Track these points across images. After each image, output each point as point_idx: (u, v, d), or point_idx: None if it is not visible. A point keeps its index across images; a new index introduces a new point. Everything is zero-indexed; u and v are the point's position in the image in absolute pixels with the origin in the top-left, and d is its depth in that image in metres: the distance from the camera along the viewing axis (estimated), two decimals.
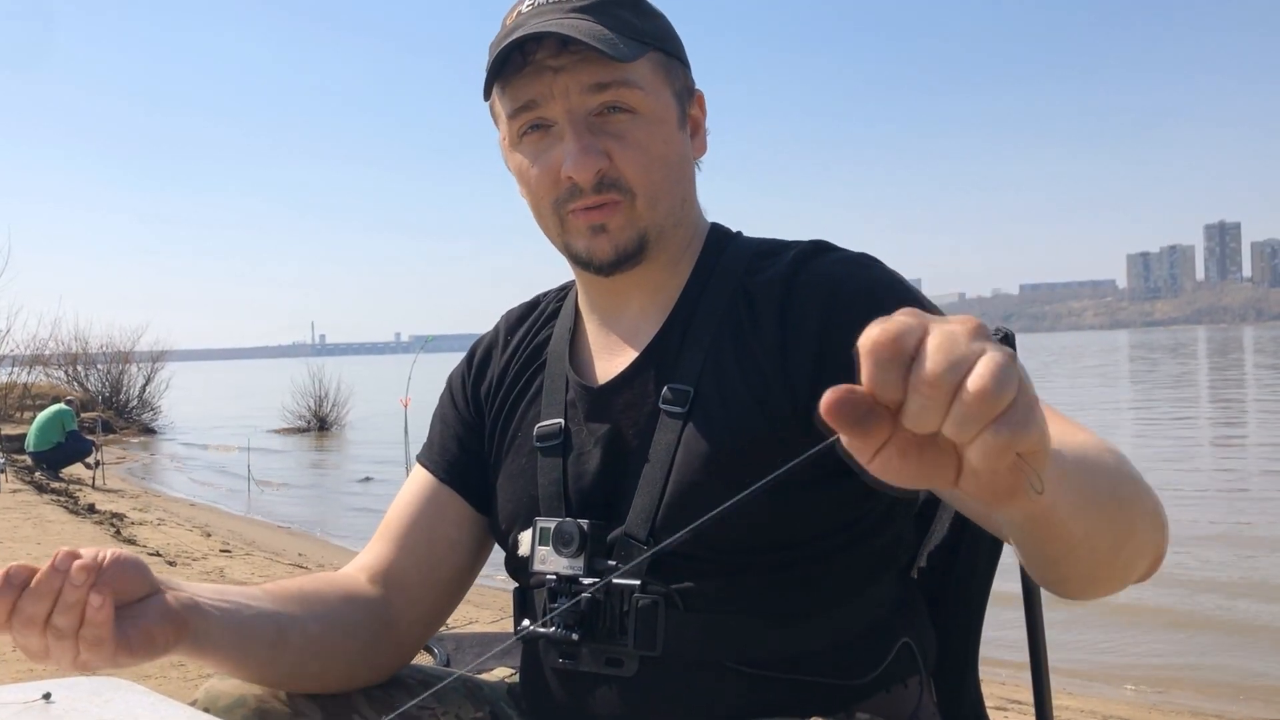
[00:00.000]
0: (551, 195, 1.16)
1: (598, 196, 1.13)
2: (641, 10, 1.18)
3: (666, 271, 1.22)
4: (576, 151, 1.12)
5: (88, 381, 29.13)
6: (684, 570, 1.11)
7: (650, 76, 1.15)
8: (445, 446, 1.32)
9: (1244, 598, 7.11)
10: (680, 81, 1.20)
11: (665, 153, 1.16)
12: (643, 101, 1.14)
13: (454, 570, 1.27)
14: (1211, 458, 14.71)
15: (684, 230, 1.22)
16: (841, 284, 1.12)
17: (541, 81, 1.12)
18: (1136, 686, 5.43)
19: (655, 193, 1.15)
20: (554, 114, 1.13)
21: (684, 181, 1.21)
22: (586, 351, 1.26)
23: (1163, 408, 23.15)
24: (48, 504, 10.89)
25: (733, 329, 1.15)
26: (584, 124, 1.13)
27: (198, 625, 1.01)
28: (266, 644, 1.09)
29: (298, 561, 8.26)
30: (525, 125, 1.15)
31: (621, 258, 1.16)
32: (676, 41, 1.21)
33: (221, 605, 1.05)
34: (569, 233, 1.17)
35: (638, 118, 1.14)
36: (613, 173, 1.13)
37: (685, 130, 1.21)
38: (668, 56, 1.18)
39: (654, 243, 1.17)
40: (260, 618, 1.09)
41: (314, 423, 26.70)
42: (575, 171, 1.12)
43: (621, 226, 1.15)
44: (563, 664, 1.16)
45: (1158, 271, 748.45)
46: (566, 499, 1.19)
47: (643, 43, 1.14)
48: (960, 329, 0.60)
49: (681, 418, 1.13)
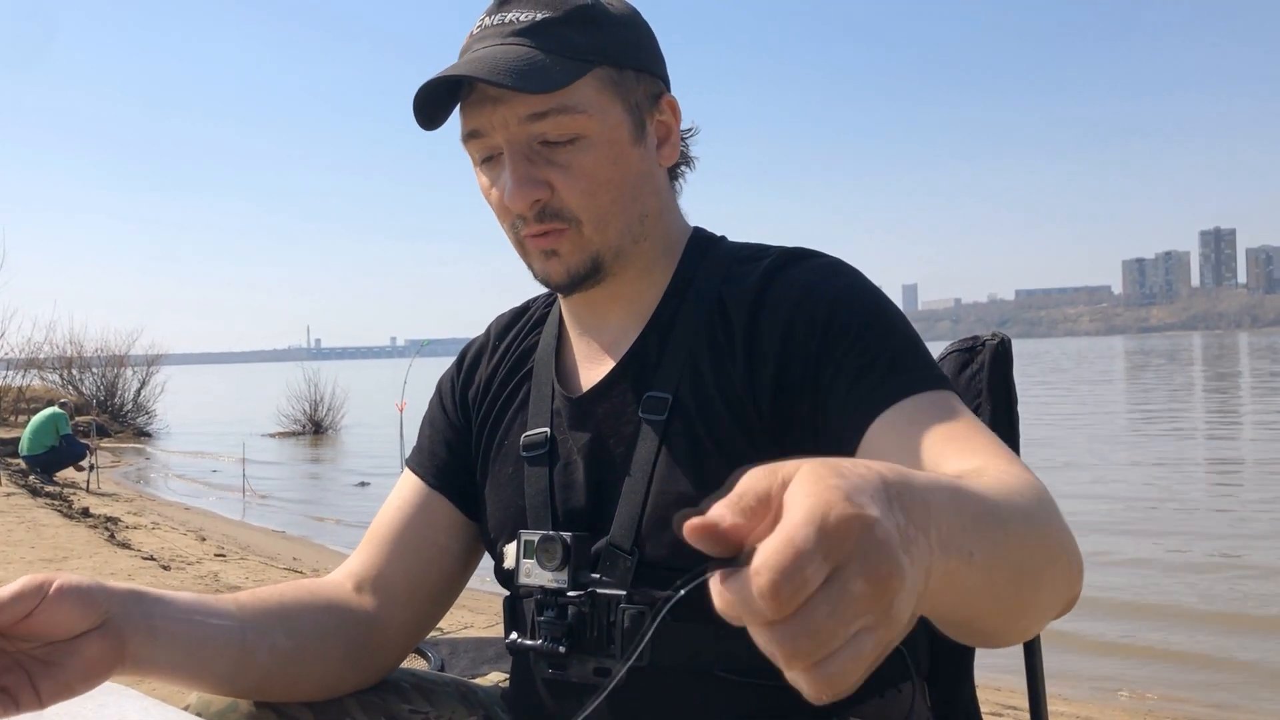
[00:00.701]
0: (507, 219, 1.17)
1: (540, 225, 1.13)
2: (592, 20, 1.13)
3: (642, 282, 1.21)
4: (512, 184, 1.11)
5: (82, 385, 29.07)
6: (670, 580, 1.10)
7: (594, 96, 1.12)
8: (434, 451, 1.31)
9: (1237, 602, 7.11)
10: (637, 93, 1.16)
11: (613, 174, 1.14)
12: (586, 125, 1.11)
13: (443, 576, 1.27)
14: (1206, 451, 14.74)
15: (649, 244, 1.20)
16: (805, 296, 1.11)
17: (483, 112, 1.11)
18: (1131, 692, 5.44)
19: (603, 217, 1.14)
20: (498, 142, 1.13)
21: (641, 198, 1.18)
22: (570, 359, 1.26)
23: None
24: (42, 508, 10.86)
25: (709, 337, 1.15)
26: (523, 154, 1.12)
27: (139, 652, 1.00)
28: (229, 661, 1.08)
29: (292, 566, 8.24)
30: (477, 153, 1.16)
31: (575, 280, 1.16)
32: (630, 50, 1.16)
33: (179, 626, 1.04)
34: (528, 255, 1.18)
35: (581, 142, 1.12)
36: (555, 202, 1.12)
37: (643, 143, 1.17)
38: (619, 69, 1.14)
39: (610, 263, 1.17)
40: (224, 635, 1.08)
41: (309, 427, 26.67)
42: (512, 203, 1.12)
43: (571, 251, 1.15)
44: (552, 674, 1.16)
45: (1153, 278, 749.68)
46: (553, 510, 1.19)
47: (584, 61, 1.11)
48: (865, 593, 0.53)
49: (660, 426, 1.13)
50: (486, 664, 1.55)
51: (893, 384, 1.04)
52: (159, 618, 1.03)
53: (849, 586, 0.52)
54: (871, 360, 1.06)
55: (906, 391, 1.03)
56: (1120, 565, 8.20)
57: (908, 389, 1.03)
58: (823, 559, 0.52)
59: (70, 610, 0.95)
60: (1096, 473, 13.20)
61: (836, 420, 1.06)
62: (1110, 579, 7.58)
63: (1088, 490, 11.65)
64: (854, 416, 1.04)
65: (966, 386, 1.40)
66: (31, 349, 29.04)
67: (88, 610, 0.96)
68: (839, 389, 1.06)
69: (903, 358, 1.07)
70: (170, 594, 1.07)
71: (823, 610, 0.52)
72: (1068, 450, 15.34)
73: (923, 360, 1.09)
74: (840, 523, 0.53)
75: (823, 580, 0.52)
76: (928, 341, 1.15)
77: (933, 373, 1.07)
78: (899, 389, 1.03)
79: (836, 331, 1.08)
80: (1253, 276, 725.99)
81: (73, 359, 29.75)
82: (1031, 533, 0.79)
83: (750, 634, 0.54)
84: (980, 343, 1.41)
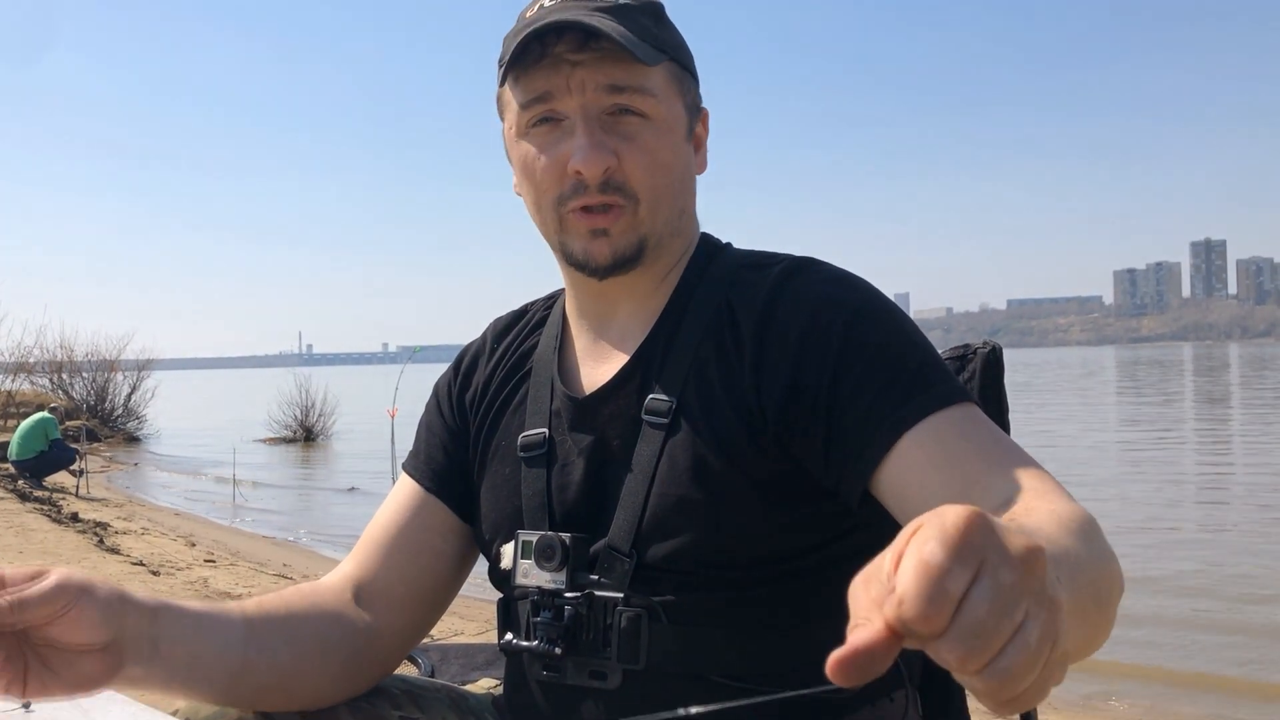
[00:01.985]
0: (555, 190, 1.15)
1: (602, 196, 1.13)
2: (661, 19, 1.18)
3: (658, 279, 1.22)
4: (588, 146, 1.11)
5: (72, 389, 28.97)
6: (667, 583, 1.11)
7: (665, 85, 1.15)
8: (431, 455, 1.31)
9: (1229, 608, 7.12)
10: (690, 96, 1.21)
11: (671, 162, 1.16)
12: (656, 108, 1.14)
13: (438, 580, 1.27)
14: (1197, 458, 14.77)
15: (680, 240, 1.22)
16: (820, 310, 1.11)
17: (558, 74, 1.11)
18: (1122, 701, 5.44)
19: (658, 199, 1.15)
20: (567, 108, 1.13)
21: (685, 194, 1.21)
22: (573, 360, 1.26)
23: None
24: (31, 512, 10.81)
25: (716, 341, 1.15)
26: (596, 121, 1.12)
27: (132, 674, 0.99)
28: (228, 674, 1.07)
29: (282, 572, 8.21)
30: (536, 117, 1.14)
31: (619, 262, 1.15)
32: (690, 56, 1.22)
33: (180, 649, 1.03)
34: (567, 232, 1.16)
35: (649, 123, 1.14)
36: (619, 175, 1.13)
37: (690, 144, 1.21)
38: (681, 69, 1.19)
39: (651, 250, 1.17)
40: (225, 651, 1.07)
41: (300, 433, 26.60)
42: (584, 166, 1.11)
43: (623, 231, 1.14)
44: (547, 676, 1.16)
45: (1144, 288, 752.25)
46: (550, 510, 1.18)
47: (661, 50, 1.14)
48: (1015, 581, 0.54)
49: (664, 429, 1.13)
50: (477, 670, 1.55)
51: (920, 400, 1.04)
52: (165, 640, 1.01)
53: (997, 577, 0.53)
54: (896, 375, 1.06)
55: (934, 407, 1.03)
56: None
57: (935, 404, 1.03)
58: (960, 567, 0.52)
59: (86, 625, 0.94)
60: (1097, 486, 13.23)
61: (856, 434, 1.05)
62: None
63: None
64: (880, 432, 1.03)
65: None
66: (21, 353, 28.97)
67: (101, 629, 0.95)
68: (861, 402, 1.05)
69: (927, 372, 1.07)
70: (185, 606, 1.06)
71: (981, 608, 0.52)
72: (1061, 462, 15.36)
73: (945, 374, 1.09)
74: (961, 526, 0.53)
75: (969, 582, 0.52)
76: None
77: (957, 386, 1.07)
78: (926, 404, 1.03)
79: (857, 343, 1.08)
80: (1243, 287, 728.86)
81: (63, 363, 29.65)
82: (1095, 570, 0.81)
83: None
84: (972, 351, 1.42)
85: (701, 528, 1.09)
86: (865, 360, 1.07)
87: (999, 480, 0.96)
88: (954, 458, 1.00)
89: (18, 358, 28.55)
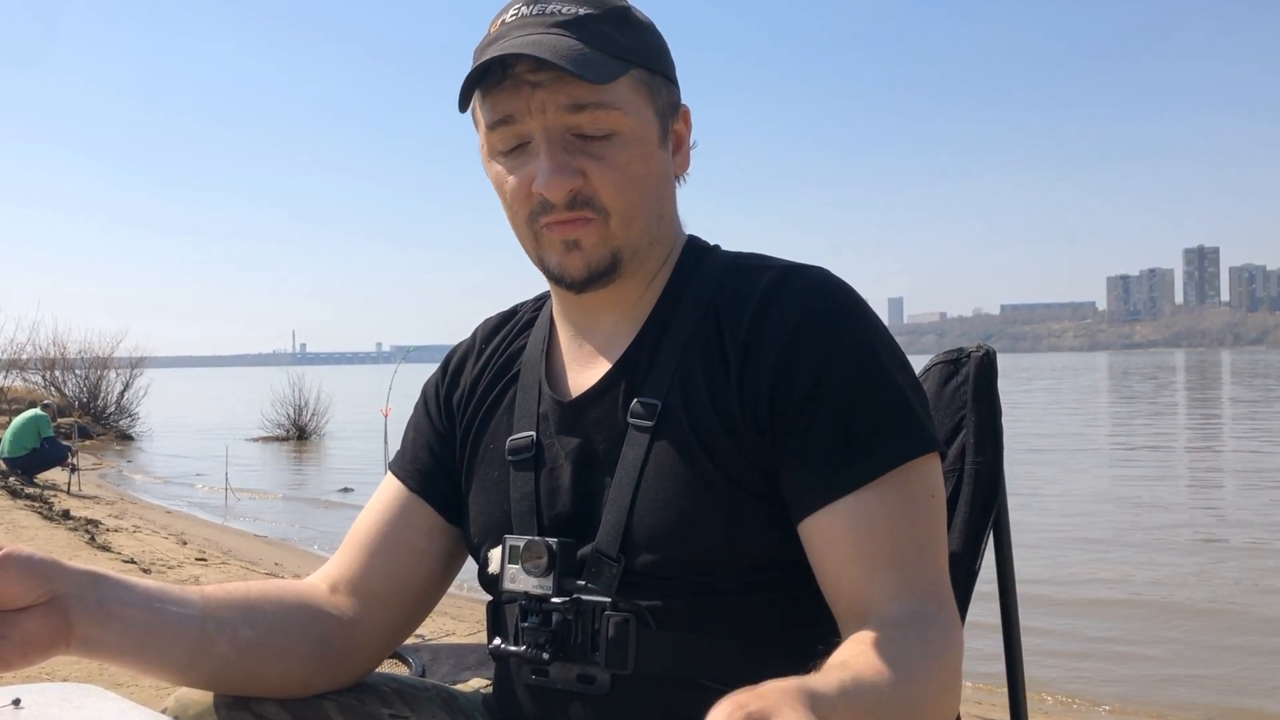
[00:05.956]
0: (525, 208, 1.14)
1: (570, 213, 1.12)
2: (628, 24, 1.15)
3: (641, 285, 1.21)
4: (549, 170, 1.10)
5: (65, 387, 28.91)
6: (654, 588, 1.10)
7: (630, 95, 1.13)
8: (417, 456, 1.30)
9: (1220, 616, 7.14)
10: (663, 98, 1.18)
11: (643, 173, 1.15)
12: (621, 122, 1.12)
13: (422, 580, 1.26)
14: (1187, 458, 14.81)
15: (659, 247, 1.21)
16: (803, 326, 1.11)
17: (519, 97, 1.10)
18: (1112, 707, 5.45)
19: (630, 213, 1.14)
20: (531, 129, 1.11)
21: (661, 200, 1.19)
22: (560, 363, 1.25)
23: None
24: (21, 509, 10.79)
25: (701, 346, 1.15)
26: (560, 142, 1.11)
27: (86, 634, 0.99)
28: (185, 648, 1.07)
29: (274, 571, 8.20)
30: (503, 140, 1.14)
31: (594, 275, 1.15)
32: (662, 56, 1.19)
33: (134, 612, 1.03)
34: (543, 247, 1.16)
35: (616, 138, 1.12)
36: (587, 191, 1.12)
37: (666, 148, 1.19)
38: (650, 73, 1.16)
39: (627, 261, 1.16)
40: (182, 622, 1.07)
41: (293, 431, 26.56)
42: (547, 190, 1.11)
43: (595, 244, 1.14)
44: (535, 680, 1.15)
45: (1137, 294, 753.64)
46: (538, 515, 1.18)
47: (625, 60, 1.12)
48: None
49: (649, 432, 1.13)
50: (468, 670, 1.54)
51: (862, 464, 1.06)
52: (113, 601, 1.02)
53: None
54: (852, 426, 1.07)
55: (875, 473, 1.05)
56: (1100, 583, 8.22)
57: (877, 469, 1.05)
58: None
59: (13, 581, 0.94)
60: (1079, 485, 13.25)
61: (792, 474, 1.08)
62: (1094, 594, 7.60)
63: (1065, 506, 11.68)
64: (811, 489, 1.07)
65: (951, 398, 1.41)
66: (14, 349, 28.91)
67: (33, 584, 0.95)
68: (812, 445, 1.07)
69: (885, 422, 1.07)
70: (133, 580, 1.06)
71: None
72: (1054, 466, 15.39)
73: (907, 422, 1.08)
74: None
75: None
76: (912, 355, 1.15)
77: (913, 438, 1.08)
78: (868, 470, 1.05)
79: (827, 376, 1.08)
80: (1236, 295, 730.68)
81: (56, 360, 29.60)
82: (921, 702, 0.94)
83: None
84: (965, 355, 1.42)
85: (687, 533, 1.09)
86: (833, 395, 1.08)
87: (879, 590, 1.03)
88: (863, 550, 1.04)
89: (10, 354, 28.50)
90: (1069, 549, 9.34)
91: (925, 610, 1.02)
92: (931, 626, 1.01)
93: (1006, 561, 1.41)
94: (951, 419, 1.40)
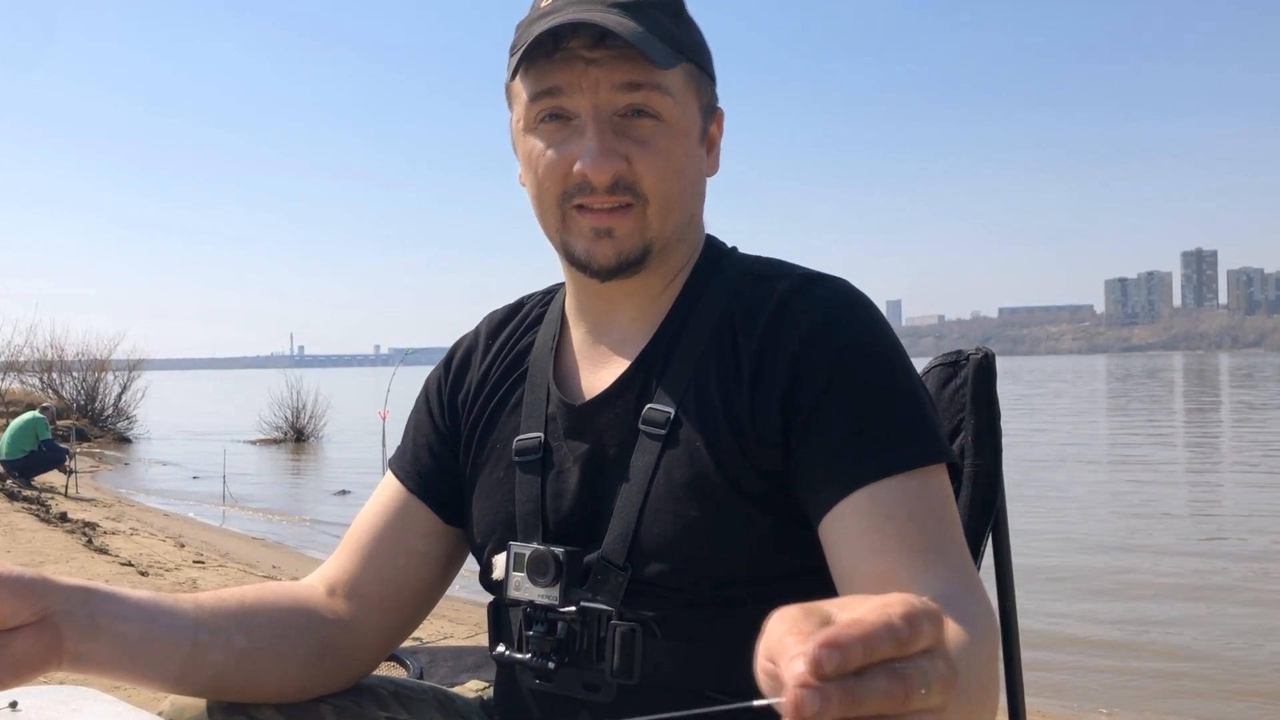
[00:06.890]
0: (559, 187, 1.12)
1: (610, 197, 1.10)
2: (680, 18, 1.14)
3: (662, 283, 1.19)
4: (596, 150, 1.08)
5: (63, 389, 28.88)
6: (661, 598, 1.09)
7: (681, 87, 1.12)
8: (417, 456, 1.28)
9: (1218, 617, 7.14)
10: (706, 97, 1.17)
11: (684, 165, 1.13)
12: (671, 110, 1.11)
13: (420, 582, 1.24)
14: (1187, 470, 14.81)
15: (685, 245, 1.19)
16: (816, 333, 1.09)
17: (571, 70, 1.08)
18: (1110, 711, 5.45)
19: (669, 203, 1.12)
20: (578, 106, 1.09)
21: (695, 197, 1.18)
22: (571, 362, 1.23)
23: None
24: (19, 512, 10.77)
25: (717, 354, 1.13)
26: (608, 123, 1.09)
27: (77, 650, 0.97)
28: (178, 659, 1.05)
29: (271, 574, 8.19)
30: (545, 112, 1.11)
31: (622, 265, 1.13)
32: (708, 55, 1.18)
33: (125, 626, 1.01)
34: (569, 231, 1.14)
35: (663, 125, 1.11)
36: (629, 176, 1.10)
37: (703, 147, 1.18)
38: (699, 69, 1.15)
39: (656, 254, 1.14)
40: (175, 634, 1.05)
41: (291, 434, 26.53)
42: (591, 170, 1.08)
43: (629, 233, 1.11)
44: (539, 685, 1.14)
45: (1135, 297, 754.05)
46: (544, 519, 1.16)
47: (679, 51, 1.11)
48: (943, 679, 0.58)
49: (661, 440, 1.11)
50: (465, 673, 1.54)
51: (878, 459, 1.03)
52: (104, 616, 1.00)
53: (936, 663, 0.57)
54: (869, 423, 1.04)
55: (890, 470, 1.02)
56: (1099, 593, 8.22)
57: (894, 467, 1.02)
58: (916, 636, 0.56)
59: (3, 602, 0.92)
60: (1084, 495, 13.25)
61: (808, 475, 1.05)
62: (1097, 606, 7.60)
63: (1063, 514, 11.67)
64: (828, 485, 1.03)
65: (950, 401, 1.40)
66: (12, 352, 28.88)
67: (23, 604, 0.94)
68: (827, 444, 1.04)
69: (900, 427, 1.05)
70: (124, 592, 1.04)
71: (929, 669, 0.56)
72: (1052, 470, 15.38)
73: (922, 430, 1.06)
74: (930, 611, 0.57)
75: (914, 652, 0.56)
76: (911, 357, 1.14)
77: (928, 446, 1.05)
78: (883, 465, 1.02)
79: (844, 379, 1.06)
80: (1233, 298, 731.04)
81: (53, 362, 29.57)
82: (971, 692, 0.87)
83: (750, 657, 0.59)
84: (964, 357, 1.41)
85: (695, 543, 1.08)
86: (846, 399, 1.05)
87: (917, 577, 0.98)
88: (886, 538, 1.00)
89: (8, 356, 28.47)
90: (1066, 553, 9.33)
91: (954, 592, 0.96)
92: (967, 609, 0.94)
93: (1005, 564, 1.40)
94: (950, 422, 1.39)
